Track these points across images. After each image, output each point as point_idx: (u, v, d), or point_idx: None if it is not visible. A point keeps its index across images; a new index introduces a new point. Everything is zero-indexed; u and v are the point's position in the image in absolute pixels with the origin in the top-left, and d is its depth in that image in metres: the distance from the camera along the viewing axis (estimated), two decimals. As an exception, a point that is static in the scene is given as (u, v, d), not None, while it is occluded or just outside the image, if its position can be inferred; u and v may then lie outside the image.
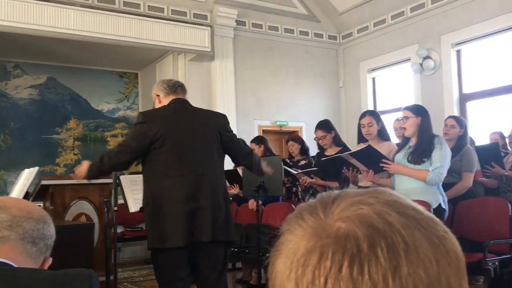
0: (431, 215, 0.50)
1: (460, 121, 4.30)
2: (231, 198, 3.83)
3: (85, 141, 7.64)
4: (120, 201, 3.26)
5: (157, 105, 2.92)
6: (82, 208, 4.59)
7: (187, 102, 2.91)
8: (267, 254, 0.52)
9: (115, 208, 3.07)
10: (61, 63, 7.35)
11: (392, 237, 0.45)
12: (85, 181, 4.78)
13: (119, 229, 6.63)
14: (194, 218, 2.65)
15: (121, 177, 2.98)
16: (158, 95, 2.92)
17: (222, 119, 2.92)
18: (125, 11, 6.09)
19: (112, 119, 7.90)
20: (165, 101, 2.87)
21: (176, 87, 2.90)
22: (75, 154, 7.46)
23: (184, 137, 2.72)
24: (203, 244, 2.72)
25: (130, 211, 2.84)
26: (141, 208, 2.86)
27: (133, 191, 2.88)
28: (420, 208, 0.50)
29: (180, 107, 2.82)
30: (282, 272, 0.48)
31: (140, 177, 2.95)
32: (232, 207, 4.03)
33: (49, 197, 4.46)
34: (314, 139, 4.69)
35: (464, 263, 0.49)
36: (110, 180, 3.33)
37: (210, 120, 2.84)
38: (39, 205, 4.77)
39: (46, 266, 1.19)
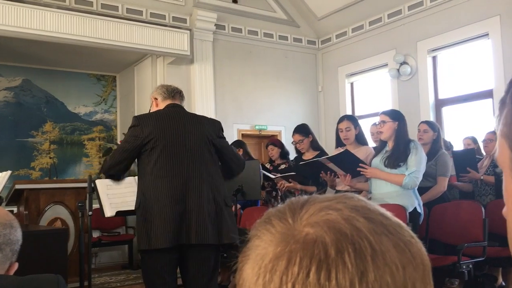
0: (398, 220, 0.51)
1: (432, 125, 4.38)
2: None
3: (62, 144, 7.52)
4: (96, 206, 3.22)
5: (154, 109, 2.97)
6: (58, 213, 4.52)
7: (181, 107, 2.96)
8: (235, 260, 0.52)
9: (90, 213, 3.02)
10: (37, 65, 7.23)
11: (359, 243, 0.46)
12: (61, 185, 4.72)
13: (96, 234, 6.54)
14: (182, 221, 2.66)
15: (97, 181, 2.94)
16: (156, 99, 2.98)
17: (215, 124, 2.97)
18: (103, 13, 6.02)
19: (89, 122, 7.79)
20: (162, 105, 2.93)
21: (174, 93, 2.97)
22: (50, 158, 7.33)
23: (175, 140, 2.75)
24: (193, 248, 2.72)
25: (106, 215, 2.80)
26: (117, 213, 2.83)
27: (109, 196, 2.84)
28: (388, 213, 0.51)
29: (173, 112, 2.87)
30: (249, 278, 0.48)
31: (116, 182, 2.92)
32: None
33: (23, 202, 4.38)
34: (292, 143, 4.71)
35: (430, 268, 0.50)
36: (85, 184, 3.27)
37: (203, 125, 2.87)
38: (12, 210, 4.68)
39: (12, 272, 1.17)
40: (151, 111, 3.00)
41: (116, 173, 2.90)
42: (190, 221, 2.67)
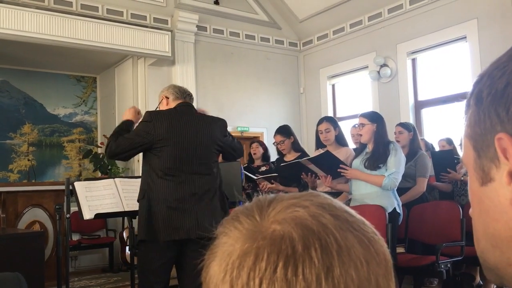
0: (362, 218, 0.52)
1: (406, 126, 4.43)
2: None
3: (40, 146, 7.41)
4: (75, 208, 3.18)
5: (163, 107, 3.01)
6: (36, 216, 4.46)
7: (193, 107, 3.02)
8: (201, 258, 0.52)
9: (68, 216, 2.98)
10: (15, 66, 7.12)
11: (325, 239, 0.46)
12: (40, 188, 4.66)
13: (76, 237, 6.46)
14: (185, 217, 2.72)
15: (75, 183, 2.90)
16: (167, 97, 3.01)
17: (221, 125, 3.04)
18: (82, 14, 5.96)
19: (69, 124, 7.70)
20: (173, 104, 2.98)
21: (186, 94, 3.04)
22: (29, 160, 7.22)
23: (186, 140, 2.81)
24: (192, 242, 2.74)
25: (85, 218, 2.77)
26: (96, 215, 2.80)
27: (87, 198, 2.81)
28: (352, 211, 0.52)
29: (186, 111, 2.92)
30: (216, 274, 0.48)
31: (95, 184, 2.89)
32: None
33: (0, 205, 4.31)
34: (273, 143, 4.73)
35: (392, 264, 0.51)
36: (64, 187, 3.23)
37: (212, 126, 2.94)
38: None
39: None
40: (159, 109, 3.04)
41: (118, 159, 2.93)
42: (193, 218, 2.73)
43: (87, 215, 2.80)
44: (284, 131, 4.64)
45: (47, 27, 5.65)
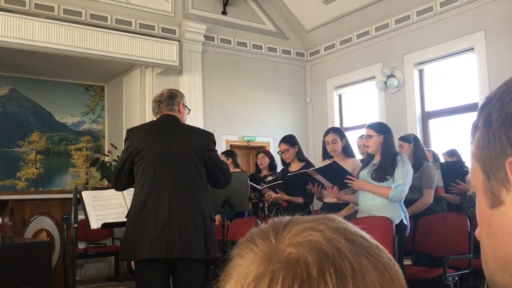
0: (377, 243, 0.52)
1: (405, 138, 4.40)
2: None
3: (48, 154, 7.45)
4: (82, 217, 3.19)
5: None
6: (43, 224, 4.46)
7: (174, 118, 2.90)
8: (216, 278, 0.53)
9: (75, 225, 2.99)
10: (25, 75, 7.18)
11: (340, 263, 0.46)
12: (47, 196, 4.67)
13: (82, 245, 6.47)
14: (164, 234, 2.64)
15: (83, 192, 2.92)
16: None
17: (206, 137, 2.91)
18: (92, 23, 6.01)
19: (76, 132, 7.74)
20: (156, 116, 2.94)
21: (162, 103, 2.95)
22: (36, 168, 7.25)
23: (161, 152, 2.74)
24: (181, 262, 2.70)
25: (92, 227, 2.78)
26: (102, 225, 2.81)
27: (95, 207, 2.82)
28: (367, 236, 0.52)
29: (164, 123, 2.85)
30: None
31: (102, 193, 2.90)
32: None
33: (8, 213, 4.32)
34: (278, 152, 4.73)
35: None
36: (71, 195, 3.25)
37: (192, 137, 2.83)
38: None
39: None
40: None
41: (124, 187, 2.87)
42: (173, 235, 2.64)
43: (94, 224, 2.81)
44: (289, 140, 4.65)
45: (57, 36, 5.71)
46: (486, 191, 0.50)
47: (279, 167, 5.25)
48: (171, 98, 2.94)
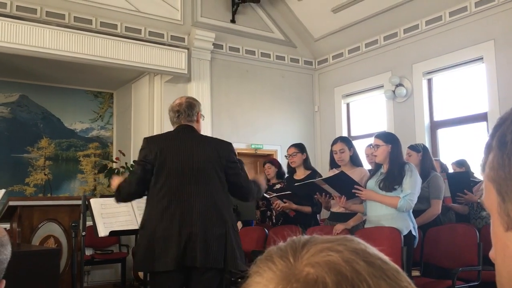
0: (396, 266, 0.51)
1: (414, 147, 4.37)
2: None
3: (57, 160, 7.49)
4: (90, 223, 3.20)
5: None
6: (51, 230, 4.48)
7: (192, 128, 2.90)
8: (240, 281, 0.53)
9: (83, 233, 3.00)
10: (34, 81, 7.25)
11: (359, 285, 0.46)
12: (55, 202, 4.69)
13: (89, 252, 6.48)
14: (186, 243, 2.64)
15: (91, 200, 2.93)
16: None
17: (225, 148, 2.91)
18: (101, 31, 6.06)
19: (85, 138, 7.78)
20: (174, 126, 2.93)
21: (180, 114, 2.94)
22: (45, 174, 7.30)
23: (181, 162, 2.73)
24: (196, 270, 2.69)
25: (99, 235, 2.78)
26: (110, 232, 2.81)
27: (103, 215, 2.83)
28: (386, 258, 0.52)
29: (182, 133, 2.84)
30: None
31: (110, 201, 2.91)
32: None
33: (16, 218, 4.34)
34: (285, 156, 4.73)
35: None
36: (79, 202, 3.26)
37: (211, 147, 2.83)
38: (5, 227, 4.63)
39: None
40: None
41: (134, 199, 2.85)
42: (195, 244, 2.63)
43: (102, 232, 2.81)
44: (299, 146, 4.68)
45: (67, 44, 5.76)
46: (501, 213, 0.49)
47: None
48: (191, 108, 2.94)
